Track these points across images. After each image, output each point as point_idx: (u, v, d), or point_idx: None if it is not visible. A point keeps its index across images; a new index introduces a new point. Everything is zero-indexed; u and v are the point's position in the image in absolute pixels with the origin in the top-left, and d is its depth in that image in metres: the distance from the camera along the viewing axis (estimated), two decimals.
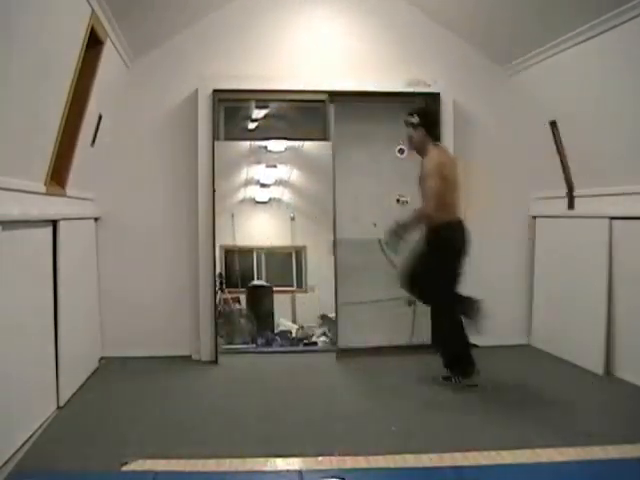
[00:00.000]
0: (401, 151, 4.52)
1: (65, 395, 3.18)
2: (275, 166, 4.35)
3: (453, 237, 3.48)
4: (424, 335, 4.48)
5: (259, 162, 4.32)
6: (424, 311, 4.47)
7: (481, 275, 4.55)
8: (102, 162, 4.12)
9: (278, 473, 2.39)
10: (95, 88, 3.45)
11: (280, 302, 4.80)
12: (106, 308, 4.19)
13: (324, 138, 4.32)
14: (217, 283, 4.19)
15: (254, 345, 4.31)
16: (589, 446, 2.56)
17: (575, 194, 4.16)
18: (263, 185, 4.35)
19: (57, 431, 2.80)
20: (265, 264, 4.69)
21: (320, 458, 2.48)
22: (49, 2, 2.52)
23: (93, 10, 3.07)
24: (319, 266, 4.27)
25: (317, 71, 4.34)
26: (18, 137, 2.55)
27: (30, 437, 2.65)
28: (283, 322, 4.75)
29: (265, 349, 4.35)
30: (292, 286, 4.88)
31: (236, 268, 4.32)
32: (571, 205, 4.19)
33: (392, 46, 4.44)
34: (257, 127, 4.54)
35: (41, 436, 2.72)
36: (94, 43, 3.28)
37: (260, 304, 4.68)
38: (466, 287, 4.46)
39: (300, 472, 2.36)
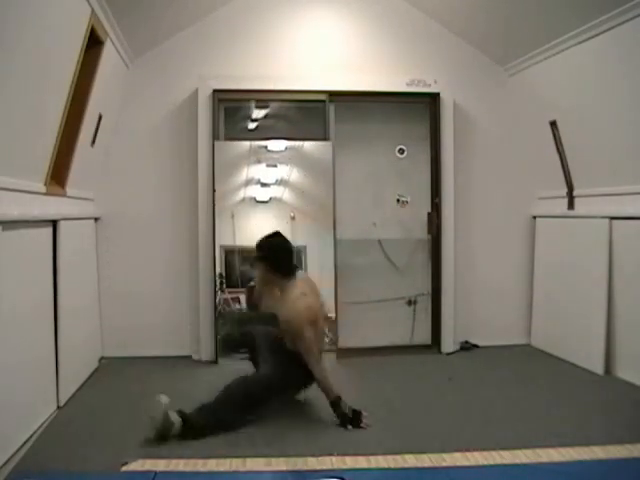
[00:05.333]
0: (401, 151, 4.53)
1: (65, 395, 3.18)
2: (275, 166, 4.34)
3: None
4: (424, 335, 4.51)
5: (259, 162, 4.31)
6: (424, 311, 4.52)
7: (481, 275, 4.57)
8: (102, 162, 4.12)
9: (278, 473, 2.39)
10: (95, 88, 3.45)
11: None
12: (106, 308, 4.19)
13: (324, 138, 4.32)
14: (217, 283, 4.19)
15: None
16: (589, 446, 2.56)
17: (575, 194, 4.16)
18: (263, 185, 4.34)
19: (57, 431, 2.80)
20: None
21: (320, 458, 2.48)
22: (49, 2, 2.52)
23: (93, 10, 3.07)
24: (319, 266, 4.26)
25: (317, 71, 4.34)
26: (18, 137, 2.55)
27: (30, 437, 2.65)
28: None
29: None
30: None
31: (236, 268, 4.32)
32: (571, 205, 4.19)
33: (392, 46, 4.44)
34: (257, 127, 4.54)
35: (41, 436, 2.72)
36: (94, 43, 3.29)
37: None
38: (466, 287, 4.50)
39: (300, 472, 2.36)
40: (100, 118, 3.78)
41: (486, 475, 2.36)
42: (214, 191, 4.13)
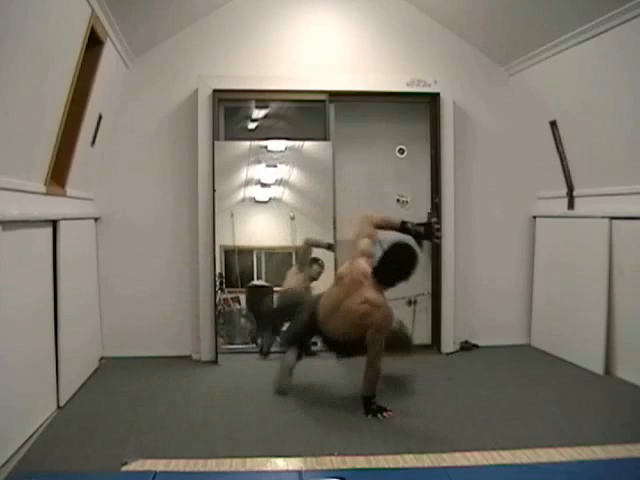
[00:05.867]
0: (401, 151, 4.53)
1: (65, 395, 3.18)
2: (275, 166, 4.35)
3: None
4: (424, 335, 4.51)
5: (259, 162, 4.32)
6: (424, 311, 4.52)
7: (481, 275, 4.58)
8: (102, 162, 4.12)
9: (278, 473, 2.39)
10: (95, 88, 3.45)
11: None
12: (106, 308, 4.19)
13: (324, 138, 4.32)
14: (217, 283, 4.20)
15: (254, 345, 4.31)
16: (589, 446, 2.56)
17: (575, 194, 4.16)
18: (263, 185, 4.35)
19: (57, 431, 2.80)
20: (265, 264, 4.69)
21: (320, 458, 2.48)
22: (49, 2, 2.52)
23: (93, 10, 3.07)
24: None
25: (317, 71, 4.34)
26: (18, 137, 2.55)
27: (30, 437, 2.65)
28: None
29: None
30: None
31: (236, 268, 4.33)
32: (571, 205, 4.19)
33: (392, 46, 4.44)
34: (257, 127, 4.55)
35: (41, 436, 2.72)
36: (94, 43, 3.29)
37: (260, 304, 4.67)
38: (466, 287, 4.50)
39: (300, 472, 2.36)
40: (100, 118, 3.78)
41: (486, 475, 2.36)
42: (214, 191, 4.13)
